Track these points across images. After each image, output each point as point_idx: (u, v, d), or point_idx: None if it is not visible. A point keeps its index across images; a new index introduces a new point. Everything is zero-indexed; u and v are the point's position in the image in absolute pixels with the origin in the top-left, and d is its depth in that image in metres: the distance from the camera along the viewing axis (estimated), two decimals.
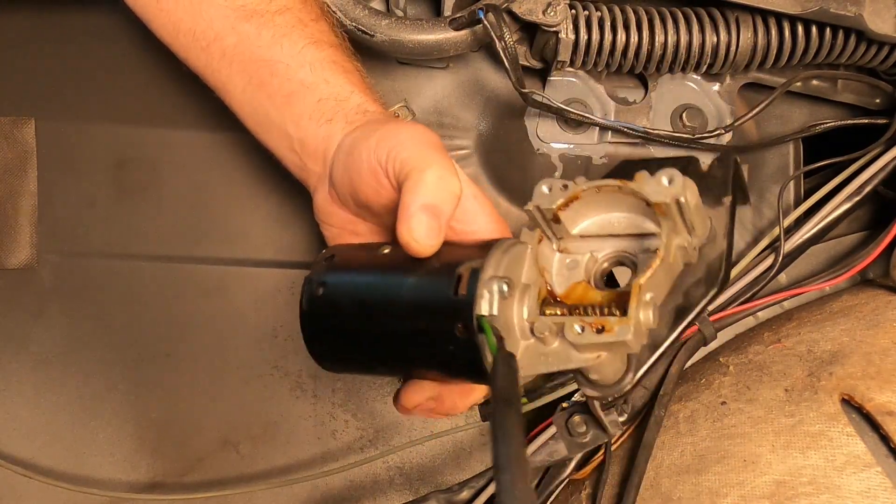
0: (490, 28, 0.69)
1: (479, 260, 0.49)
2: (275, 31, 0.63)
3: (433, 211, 0.52)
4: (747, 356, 0.73)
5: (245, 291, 0.88)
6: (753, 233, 0.84)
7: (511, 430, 0.43)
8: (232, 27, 0.64)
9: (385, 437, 0.89)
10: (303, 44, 0.63)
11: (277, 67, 0.63)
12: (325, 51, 0.64)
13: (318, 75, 0.62)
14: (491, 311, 0.48)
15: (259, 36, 0.63)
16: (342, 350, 0.57)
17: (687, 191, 0.49)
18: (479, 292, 0.48)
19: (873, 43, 0.75)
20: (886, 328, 0.68)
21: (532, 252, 0.53)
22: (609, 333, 0.47)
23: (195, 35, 0.65)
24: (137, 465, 0.87)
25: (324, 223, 0.65)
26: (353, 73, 0.64)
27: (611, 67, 0.77)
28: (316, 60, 0.63)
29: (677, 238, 0.51)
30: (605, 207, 0.54)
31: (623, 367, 0.53)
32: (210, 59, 0.65)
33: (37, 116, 0.86)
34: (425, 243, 0.52)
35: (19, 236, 0.86)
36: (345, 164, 0.59)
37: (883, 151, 0.76)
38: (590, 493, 0.72)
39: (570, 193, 0.52)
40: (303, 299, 0.56)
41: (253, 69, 0.64)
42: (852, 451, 0.59)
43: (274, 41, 0.63)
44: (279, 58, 0.63)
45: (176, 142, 0.87)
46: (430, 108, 0.84)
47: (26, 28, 0.87)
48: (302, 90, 0.62)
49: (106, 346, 0.87)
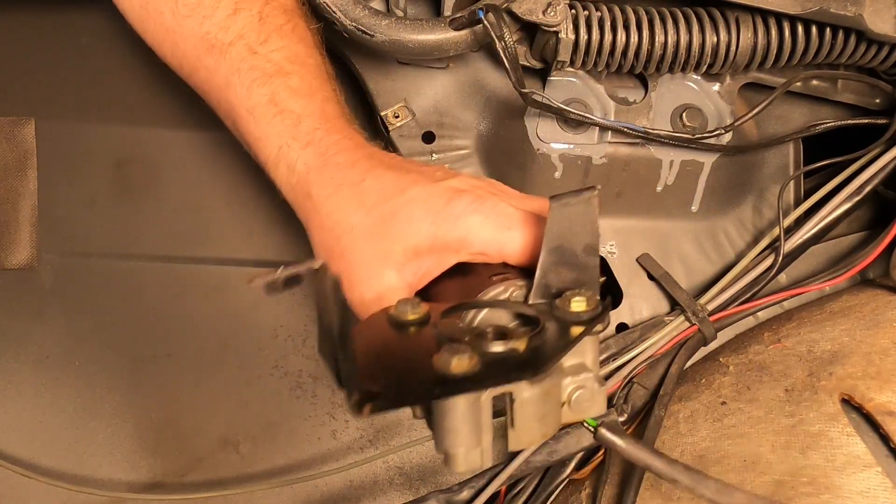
0: (490, 28, 0.69)
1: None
2: (228, 66, 0.63)
3: None
4: (747, 356, 0.73)
5: (245, 291, 0.88)
6: (753, 233, 0.84)
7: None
8: (199, 60, 0.64)
9: (385, 437, 0.89)
10: (248, 81, 0.62)
11: (238, 112, 0.63)
12: (268, 85, 0.62)
13: (262, 130, 0.61)
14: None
15: (217, 72, 0.63)
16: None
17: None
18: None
19: (873, 43, 0.75)
20: (886, 328, 0.68)
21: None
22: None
23: (175, 66, 0.67)
24: (137, 465, 0.87)
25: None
26: (296, 101, 0.62)
27: (611, 67, 0.77)
28: (258, 106, 0.62)
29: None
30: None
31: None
32: (194, 87, 0.67)
33: (37, 116, 0.86)
34: None
35: (19, 236, 0.86)
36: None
37: (883, 151, 0.76)
38: (590, 493, 0.72)
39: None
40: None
41: (222, 110, 0.65)
42: (852, 451, 0.59)
43: (228, 80, 0.63)
44: (234, 101, 0.63)
45: (176, 142, 0.87)
46: (430, 108, 0.84)
47: (26, 28, 0.87)
48: (258, 143, 0.62)
49: (106, 346, 0.87)
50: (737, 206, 0.84)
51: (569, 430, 0.73)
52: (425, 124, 0.83)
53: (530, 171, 0.83)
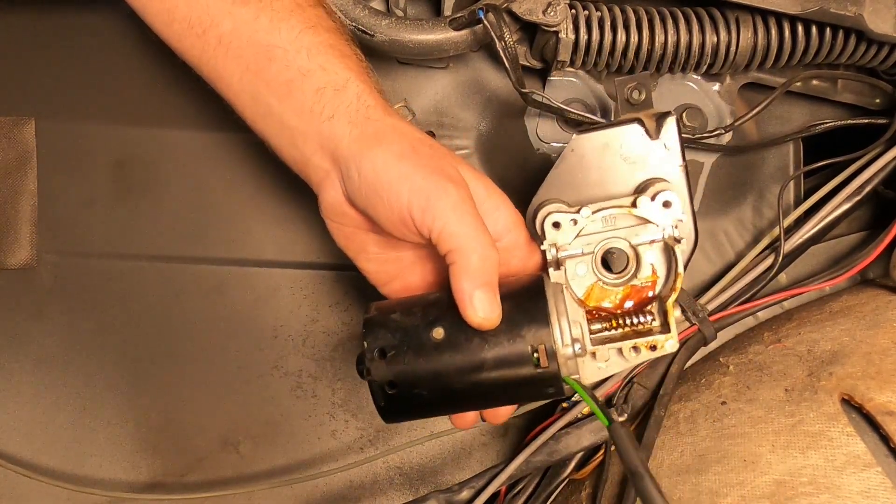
0: (490, 28, 0.69)
1: (543, 328, 0.56)
2: (273, 15, 0.62)
3: (487, 287, 0.56)
4: (747, 356, 0.73)
5: (245, 291, 0.88)
6: (753, 233, 0.84)
7: (657, 497, 0.52)
8: (228, 12, 0.63)
9: (385, 437, 0.89)
10: (300, 28, 0.62)
11: (275, 52, 0.62)
12: (322, 35, 0.63)
13: (315, 61, 0.61)
14: (571, 371, 0.57)
15: (257, 20, 0.62)
16: (419, 415, 0.63)
17: (686, 208, 0.59)
18: (560, 363, 0.56)
19: (873, 43, 0.75)
20: (886, 328, 0.68)
21: (567, 290, 0.60)
22: (660, 349, 0.59)
23: (190, 22, 0.64)
24: (137, 465, 0.87)
25: (334, 222, 0.64)
26: (350, 58, 0.63)
27: (611, 67, 0.77)
28: (313, 45, 0.62)
29: (680, 246, 0.59)
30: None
31: None
32: (206, 46, 0.64)
33: (37, 116, 0.86)
34: (492, 318, 0.56)
35: (19, 236, 0.86)
36: (370, 198, 0.59)
37: (883, 151, 0.76)
38: (590, 493, 0.72)
39: (580, 228, 0.60)
40: (376, 397, 0.59)
41: (250, 55, 0.62)
42: (852, 451, 0.59)
43: (272, 25, 0.62)
44: (277, 42, 0.62)
45: (176, 142, 0.87)
46: (430, 108, 0.84)
47: (26, 28, 0.87)
48: (300, 78, 0.61)
49: (106, 345, 0.87)
50: (737, 206, 0.85)
51: (568, 430, 0.73)
52: (425, 124, 0.83)
53: (530, 171, 0.83)
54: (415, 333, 0.58)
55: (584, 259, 0.61)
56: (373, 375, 0.58)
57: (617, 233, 0.61)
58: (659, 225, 0.59)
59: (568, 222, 0.60)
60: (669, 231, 0.59)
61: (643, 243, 0.60)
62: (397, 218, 0.58)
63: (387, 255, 0.65)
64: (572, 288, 0.61)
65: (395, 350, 0.58)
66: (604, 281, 0.61)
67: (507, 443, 0.89)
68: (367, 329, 0.59)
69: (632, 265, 0.61)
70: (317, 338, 0.88)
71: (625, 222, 0.61)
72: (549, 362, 0.55)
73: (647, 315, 0.60)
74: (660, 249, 0.61)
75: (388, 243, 0.64)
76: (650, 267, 0.61)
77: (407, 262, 0.64)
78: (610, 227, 0.61)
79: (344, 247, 0.65)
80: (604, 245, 0.61)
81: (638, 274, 0.61)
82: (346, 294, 0.88)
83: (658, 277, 0.61)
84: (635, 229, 0.61)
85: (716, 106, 0.82)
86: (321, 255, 0.87)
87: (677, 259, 0.58)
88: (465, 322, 0.56)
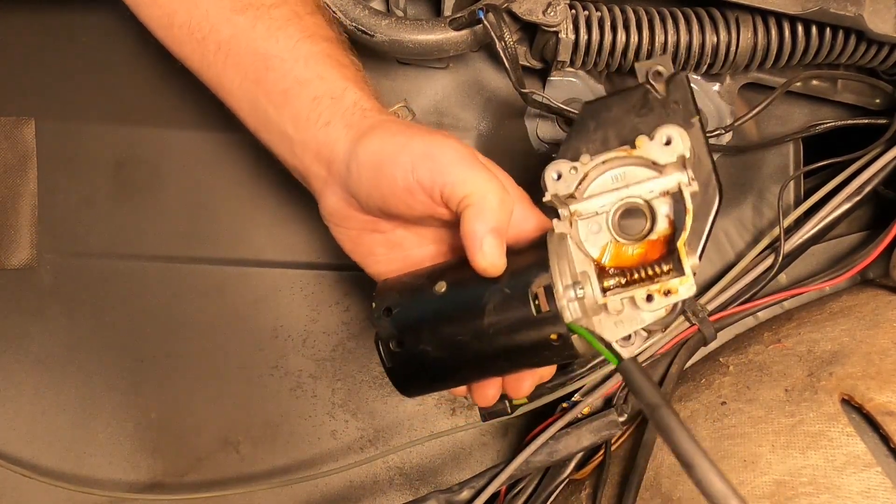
0: (490, 28, 0.69)
1: (543, 272, 0.54)
2: (270, 23, 0.63)
3: (498, 233, 0.55)
4: (747, 356, 0.73)
5: (245, 291, 0.88)
6: (753, 233, 0.84)
7: (678, 427, 0.48)
8: (227, 19, 0.63)
9: (385, 437, 0.89)
10: (298, 37, 0.63)
11: (273, 62, 0.62)
12: (320, 45, 0.63)
13: (313, 71, 0.62)
14: (574, 315, 0.54)
15: (254, 28, 0.62)
16: (431, 381, 0.61)
17: (686, 143, 0.56)
18: (560, 306, 0.54)
19: (873, 43, 0.75)
20: (886, 328, 0.68)
21: (573, 240, 0.58)
22: (675, 294, 0.55)
23: (190, 27, 0.64)
24: (137, 465, 0.87)
25: (339, 227, 0.64)
26: (348, 68, 0.64)
27: (611, 67, 0.77)
28: (310, 55, 0.62)
29: (690, 187, 0.56)
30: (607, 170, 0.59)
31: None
32: (205, 52, 0.64)
33: (37, 116, 0.86)
34: (497, 265, 0.55)
35: (19, 236, 0.86)
36: (372, 181, 0.58)
37: (883, 151, 0.76)
38: (590, 493, 0.72)
39: (582, 175, 0.58)
40: (383, 358, 0.59)
41: (248, 63, 0.63)
42: (852, 451, 0.59)
43: (269, 34, 0.62)
44: (274, 52, 0.62)
45: (176, 142, 0.87)
46: (430, 108, 0.84)
47: (26, 28, 0.87)
48: (297, 87, 0.61)
49: (106, 345, 0.87)
50: (737, 206, 0.85)
51: (568, 430, 0.73)
52: (425, 124, 0.83)
53: (530, 171, 0.83)
54: (419, 290, 0.58)
55: (597, 219, 0.59)
56: (379, 335, 0.58)
57: (630, 190, 0.58)
58: (661, 162, 0.56)
59: (568, 171, 0.58)
60: (673, 173, 0.57)
61: (656, 196, 0.58)
62: (404, 189, 0.57)
63: (395, 255, 0.64)
64: (586, 247, 0.59)
65: (400, 308, 0.58)
66: (619, 240, 0.59)
67: (507, 443, 0.89)
68: (377, 293, 0.60)
69: (647, 222, 0.59)
70: (317, 338, 0.88)
71: (636, 177, 0.58)
72: (549, 304, 0.54)
73: (663, 265, 0.57)
74: (674, 200, 0.58)
75: (396, 243, 0.64)
76: (666, 220, 0.58)
77: (416, 262, 0.64)
78: (622, 185, 0.58)
79: (351, 252, 0.65)
80: (618, 204, 0.59)
81: (654, 228, 0.58)
82: (347, 294, 0.88)
83: (675, 229, 0.58)
84: (647, 184, 0.58)
85: (716, 106, 0.82)
86: (321, 255, 0.87)
87: (685, 198, 0.56)
88: (469, 275, 0.56)
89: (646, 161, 0.57)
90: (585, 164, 0.58)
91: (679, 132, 0.56)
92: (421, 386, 0.62)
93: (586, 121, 0.61)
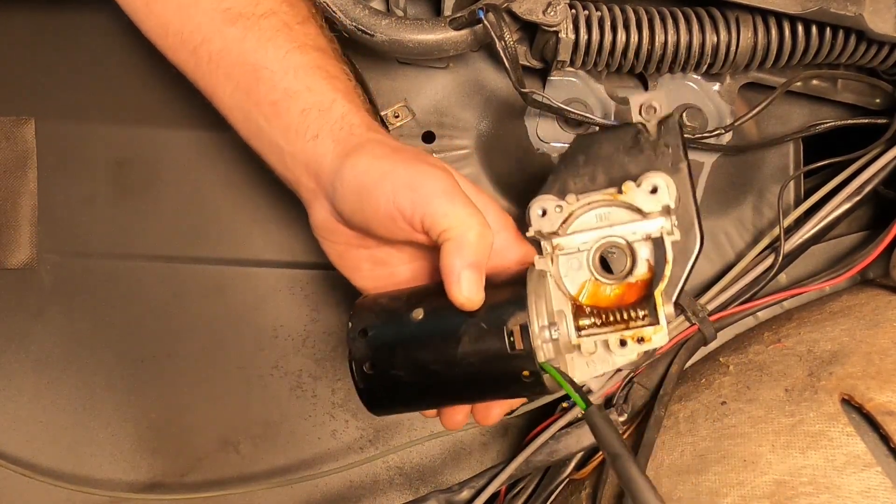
0: (490, 28, 0.69)
1: (520, 311, 0.55)
2: (260, 34, 0.63)
3: (477, 268, 0.56)
4: (747, 356, 0.73)
5: (245, 291, 0.88)
6: (753, 233, 0.84)
7: (639, 477, 0.51)
8: (218, 30, 0.63)
9: (385, 437, 0.89)
10: (287, 48, 0.62)
11: (262, 73, 0.62)
12: (310, 55, 0.63)
13: (302, 82, 0.62)
14: (548, 356, 0.56)
15: (244, 40, 0.63)
16: (401, 404, 0.62)
17: (672, 193, 0.57)
18: (535, 346, 0.54)
19: (873, 43, 0.75)
20: (886, 328, 0.68)
21: (552, 278, 0.59)
22: (648, 343, 0.57)
23: (183, 38, 0.64)
24: (137, 465, 0.87)
25: (326, 240, 0.64)
26: (338, 78, 0.63)
27: (611, 67, 0.77)
28: (300, 66, 0.62)
29: (672, 236, 0.57)
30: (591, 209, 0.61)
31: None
32: (199, 62, 0.64)
33: (37, 116, 0.86)
34: (476, 299, 0.55)
35: (19, 236, 0.86)
36: (356, 203, 0.58)
37: (883, 151, 0.76)
38: (590, 493, 0.72)
39: (566, 214, 0.59)
40: (355, 378, 0.59)
41: (239, 74, 0.63)
42: (852, 451, 0.59)
43: (259, 45, 0.62)
44: (264, 63, 0.62)
45: (176, 142, 0.87)
46: (430, 108, 0.84)
47: (26, 28, 0.87)
48: (286, 99, 0.61)
49: (106, 346, 0.87)
50: (737, 206, 0.85)
51: (568, 430, 0.73)
52: (425, 124, 0.83)
53: (530, 171, 0.83)
54: (396, 314, 0.58)
55: (578, 256, 0.60)
56: (353, 355, 0.58)
57: (613, 230, 0.60)
58: (645, 210, 0.57)
59: (553, 209, 0.59)
60: (657, 218, 0.58)
61: (638, 240, 0.59)
62: (386, 216, 0.57)
63: (380, 272, 0.64)
64: (565, 284, 0.60)
65: (376, 330, 0.58)
66: (598, 279, 0.61)
67: (507, 443, 0.89)
68: (354, 312, 0.60)
69: (628, 263, 0.60)
70: (317, 338, 0.88)
71: (619, 218, 0.60)
72: (523, 343, 0.54)
73: (639, 310, 0.59)
74: (655, 245, 0.60)
75: (381, 260, 0.64)
76: (646, 264, 0.60)
77: (402, 279, 0.64)
78: (605, 224, 0.60)
79: (338, 265, 0.66)
80: (600, 243, 0.60)
81: (634, 271, 0.60)
82: (346, 294, 0.88)
83: (654, 275, 0.59)
84: (630, 226, 0.59)
85: (716, 106, 0.82)
86: (322, 255, 0.87)
87: (666, 247, 0.57)
88: (446, 305, 0.56)
89: (631, 206, 0.58)
90: (571, 204, 0.59)
91: (666, 181, 0.57)
92: (391, 407, 0.62)
93: (576, 155, 0.63)
